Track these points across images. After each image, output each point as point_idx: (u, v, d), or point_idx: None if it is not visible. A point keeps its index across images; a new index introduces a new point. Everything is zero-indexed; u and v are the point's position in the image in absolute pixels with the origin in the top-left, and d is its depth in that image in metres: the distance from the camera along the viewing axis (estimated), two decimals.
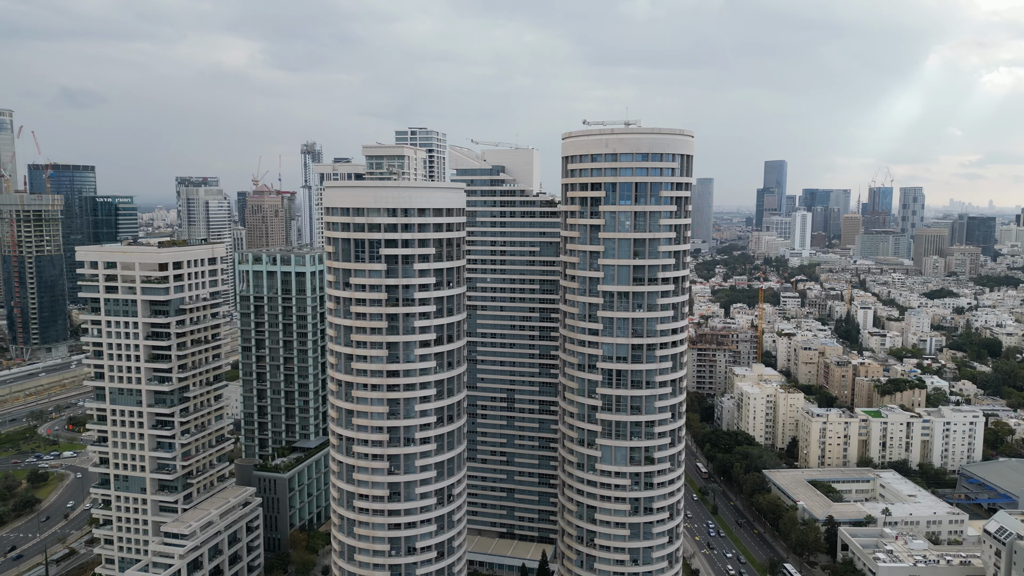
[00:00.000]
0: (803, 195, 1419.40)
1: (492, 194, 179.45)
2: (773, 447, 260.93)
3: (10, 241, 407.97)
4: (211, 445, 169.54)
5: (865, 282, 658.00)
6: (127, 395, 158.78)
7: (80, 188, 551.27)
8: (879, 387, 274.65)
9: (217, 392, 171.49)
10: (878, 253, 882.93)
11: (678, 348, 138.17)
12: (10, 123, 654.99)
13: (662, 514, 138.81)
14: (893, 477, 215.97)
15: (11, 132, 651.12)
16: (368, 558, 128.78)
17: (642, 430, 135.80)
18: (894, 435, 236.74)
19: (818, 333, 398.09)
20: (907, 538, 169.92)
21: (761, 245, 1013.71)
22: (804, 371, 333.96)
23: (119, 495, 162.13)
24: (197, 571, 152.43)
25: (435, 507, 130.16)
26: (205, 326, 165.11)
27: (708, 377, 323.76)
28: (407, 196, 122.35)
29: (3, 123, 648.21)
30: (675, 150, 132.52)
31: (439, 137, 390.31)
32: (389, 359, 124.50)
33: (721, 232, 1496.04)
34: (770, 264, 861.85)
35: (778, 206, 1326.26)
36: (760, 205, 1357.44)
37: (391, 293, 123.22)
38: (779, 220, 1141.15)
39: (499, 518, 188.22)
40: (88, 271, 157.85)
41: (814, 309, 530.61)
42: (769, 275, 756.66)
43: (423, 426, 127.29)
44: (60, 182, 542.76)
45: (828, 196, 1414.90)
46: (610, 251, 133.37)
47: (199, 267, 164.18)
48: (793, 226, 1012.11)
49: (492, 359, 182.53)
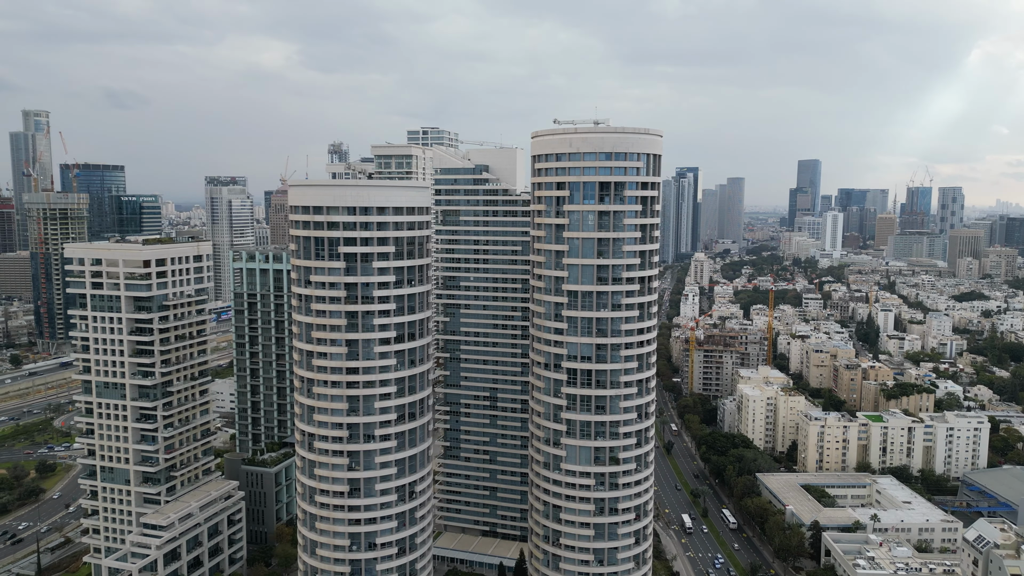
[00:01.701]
0: (839, 195, 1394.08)
1: (475, 193, 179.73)
2: (773, 451, 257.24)
3: (37, 238, 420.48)
4: (196, 439, 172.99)
5: (895, 284, 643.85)
6: (112, 389, 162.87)
7: (110, 187, 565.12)
8: (885, 391, 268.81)
9: (203, 387, 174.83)
10: (912, 255, 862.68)
11: (645, 348, 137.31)
12: (46, 124, 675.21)
13: (628, 515, 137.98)
14: (890, 483, 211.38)
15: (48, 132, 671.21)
16: (329, 552, 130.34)
17: (606, 430, 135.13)
18: (895, 440, 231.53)
19: (835, 336, 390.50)
20: (891, 545, 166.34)
21: (791, 246, 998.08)
22: (815, 374, 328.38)
23: (105, 486, 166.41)
24: (175, 562, 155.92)
25: (396, 503, 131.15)
26: (189, 322, 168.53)
27: (715, 379, 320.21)
28: (366, 195, 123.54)
29: (39, 124, 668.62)
30: (640, 149, 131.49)
31: (451, 137, 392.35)
32: (349, 356, 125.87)
33: (754, 232, 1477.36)
34: (799, 265, 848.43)
35: (811, 206, 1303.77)
36: (793, 205, 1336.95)
37: (350, 291, 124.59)
38: (811, 220, 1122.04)
39: (482, 516, 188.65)
40: (76, 267, 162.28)
41: (836, 311, 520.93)
42: (796, 276, 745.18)
43: (383, 423, 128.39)
44: (91, 181, 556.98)
45: (864, 196, 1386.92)
46: (574, 250, 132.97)
47: (183, 264, 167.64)
48: (824, 227, 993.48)
49: (475, 358, 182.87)
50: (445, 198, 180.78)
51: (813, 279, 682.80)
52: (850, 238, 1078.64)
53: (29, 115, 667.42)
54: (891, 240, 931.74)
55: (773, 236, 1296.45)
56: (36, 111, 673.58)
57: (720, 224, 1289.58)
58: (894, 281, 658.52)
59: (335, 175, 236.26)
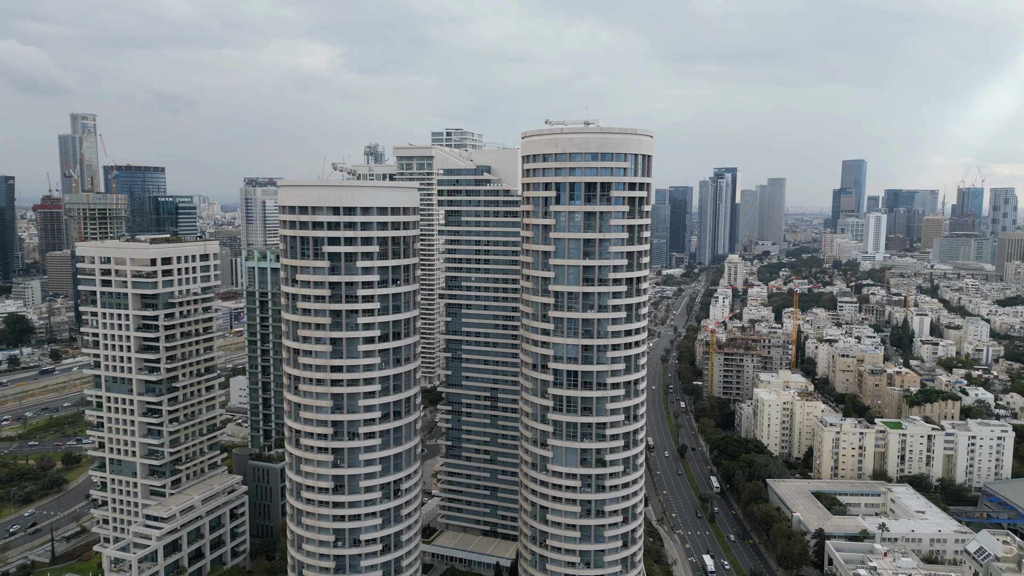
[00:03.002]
0: (885, 196, 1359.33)
1: (477, 194, 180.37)
2: (789, 456, 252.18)
3: (77, 237, 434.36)
4: (201, 434, 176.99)
5: (938, 288, 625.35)
6: (120, 383, 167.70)
7: (151, 188, 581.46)
8: (908, 397, 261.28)
9: (209, 383, 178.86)
10: (958, 257, 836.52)
11: (633, 350, 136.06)
12: (93, 127, 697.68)
13: (615, 517, 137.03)
14: (906, 492, 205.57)
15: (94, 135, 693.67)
16: (315, 548, 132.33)
17: (592, 432, 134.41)
18: (914, 448, 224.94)
19: (866, 340, 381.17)
20: (896, 555, 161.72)
21: (832, 248, 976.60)
22: (841, 379, 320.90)
23: (113, 478, 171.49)
24: (175, 553, 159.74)
25: (380, 501, 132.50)
26: (195, 319, 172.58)
27: (735, 383, 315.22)
28: (349, 195, 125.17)
29: (86, 126, 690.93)
30: (628, 150, 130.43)
31: (474, 138, 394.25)
32: (333, 354, 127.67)
33: (796, 234, 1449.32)
34: (839, 268, 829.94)
35: (855, 207, 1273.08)
36: (836, 206, 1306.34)
37: (334, 290, 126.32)
38: (854, 222, 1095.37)
39: (482, 516, 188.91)
40: (87, 265, 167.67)
41: (871, 315, 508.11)
42: (835, 279, 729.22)
43: (367, 421, 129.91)
44: (132, 182, 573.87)
45: (912, 197, 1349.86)
46: (560, 251, 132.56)
47: (189, 263, 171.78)
48: (867, 228, 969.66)
49: (476, 358, 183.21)
50: (448, 199, 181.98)
51: (852, 282, 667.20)
52: (895, 240, 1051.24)
53: (77, 118, 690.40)
54: (937, 242, 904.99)
55: (816, 238, 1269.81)
56: (83, 115, 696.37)
57: (760, 225, 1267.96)
58: (937, 285, 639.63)
59: (384, 176, 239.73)
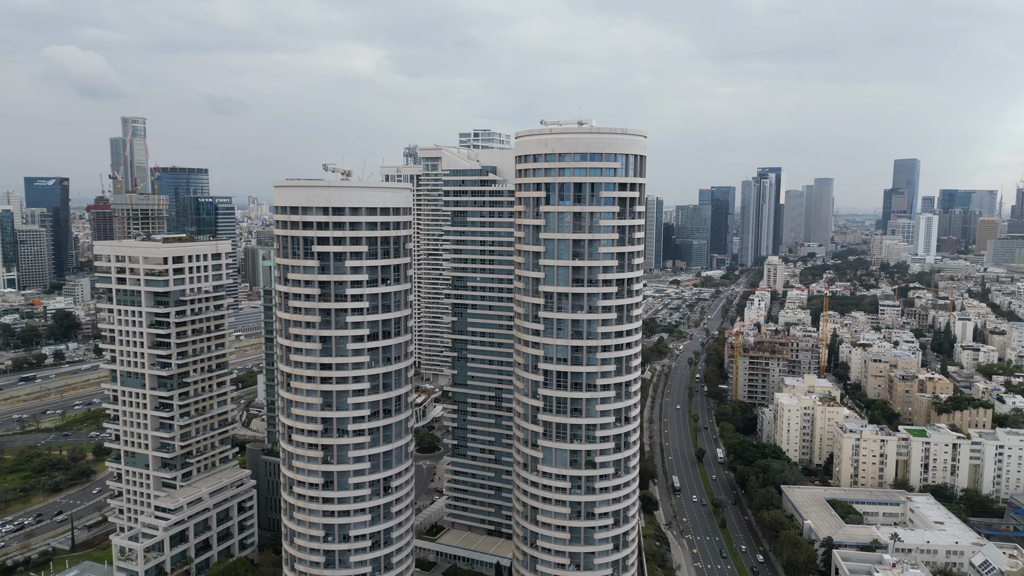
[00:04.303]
0: (940, 196, 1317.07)
1: (482, 194, 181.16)
2: (810, 463, 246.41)
3: (121, 237, 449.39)
4: (212, 428, 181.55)
5: (988, 292, 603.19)
6: (133, 378, 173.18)
7: (194, 189, 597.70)
8: (937, 404, 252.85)
9: (220, 379, 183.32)
10: (1014, 260, 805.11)
11: (625, 351, 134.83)
12: (143, 130, 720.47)
13: (605, 520, 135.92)
14: (926, 502, 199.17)
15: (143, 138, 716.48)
16: (305, 542, 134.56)
17: (582, 433, 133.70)
18: (938, 457, 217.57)
19: (904, 345, 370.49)
20: (905, 566, 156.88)
21: (881, 250, 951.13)
22: (873, 385, 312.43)
23: (128, 469, 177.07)
24: (182, 543, 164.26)
25: (370, 498, 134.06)
26: (207, 316, 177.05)
27: (760, 387, 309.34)
28: (337, 195, 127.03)
29: (137, 130, 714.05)
30: (619, 150, 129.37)
31: (501, 139, 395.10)
32: (322, 352, 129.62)
33: (846, 236, 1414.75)
34: (886, 270, 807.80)
35: (908, 208, 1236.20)
36: (887, 207, 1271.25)
37: (324, 289, 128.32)
38: (905, 223, 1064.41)
39: (487, 515, 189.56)
40: (103, 264, 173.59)
41: (914, 319, 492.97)
42: (881, 281, 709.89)
43: (356, 418, 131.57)
44: (177, 183, 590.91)
45: (969, 198, 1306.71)
46: (550, 252, 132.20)
47: (201, 262, 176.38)
48: (917, 229, 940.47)
49: (482, 358, 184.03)
50: (454, 199, 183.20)
51: (899, 284, 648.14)
52: (947, 242, 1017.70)
53: (127, 121, 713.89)
54: (991, 244, 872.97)
55: (866, 240, 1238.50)
56: (134, 118, 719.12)
57: (807, 226, 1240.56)
58: (988, 288, 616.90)
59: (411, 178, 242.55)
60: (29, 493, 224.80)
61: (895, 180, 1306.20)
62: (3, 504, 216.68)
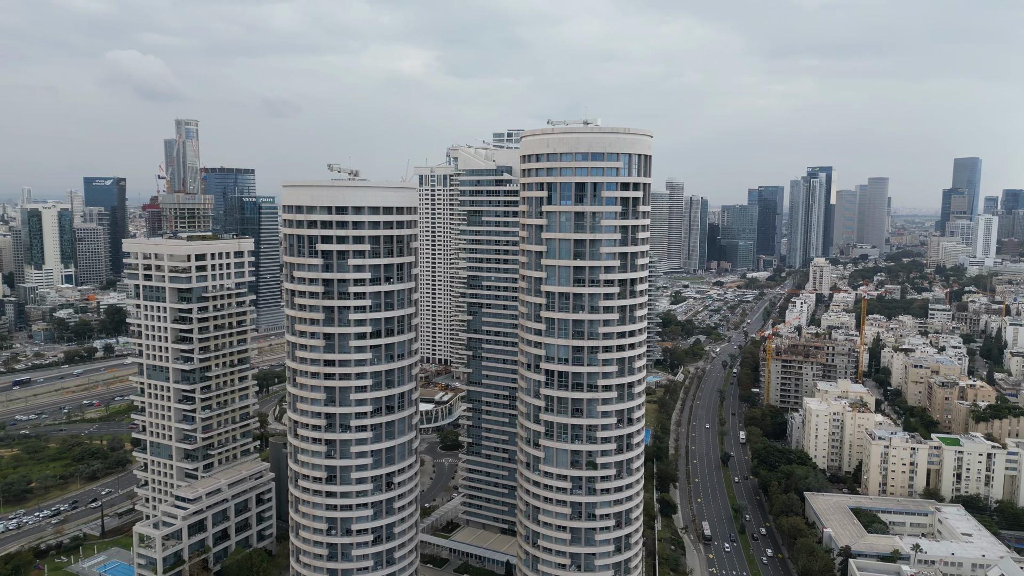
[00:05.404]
0: (1004, 197, 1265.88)
1: (497, 194, 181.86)
2: (839, 470, 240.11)
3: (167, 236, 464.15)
4: (234, 421, 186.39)
5: None
6: (158, 371, 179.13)
7: (241, 189, 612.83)
8: (975, 413, 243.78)
9: (242, 373, 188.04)
10: None
11: (628, 352, 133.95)
12: (196, 131, 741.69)
13: (606, 521, 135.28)
14: (955, 513, 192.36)
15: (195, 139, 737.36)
16: (309, 535, 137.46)
17: (583, 433, 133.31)
18: (971, 467, 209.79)
19: (950, 350, 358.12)
20: None
21: (938, 252, 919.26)
22: (913, 391, 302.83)
23: (153, 459, 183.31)
24: (200, 532, 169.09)
25: (372, 493, 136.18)
26: (229, 313, 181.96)
27: (793, 391, 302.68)
28: (341, 195, 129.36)
29: (189, 131, 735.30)
30: (621, 149, 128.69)
31: None
32: (326, 349, 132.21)
33: (903, 237, 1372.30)
34: (942, 273, 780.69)
35: (968, 208, 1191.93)
36: (946, 207, 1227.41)
37: (327, 287, 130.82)
38: (964, 224, 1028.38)
39: (501, 514, 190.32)
40: (131, 261, 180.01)
41: (965, 324, 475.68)
42: (934, 284, 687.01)
43: (359, 414, 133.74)
44: (225, 183, 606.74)
45: None
46: (552, 251, 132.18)
47: (224, 259, 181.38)
48: (975, 231, 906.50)
49: (496, 357, 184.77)
50: (469, 199, 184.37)
51: (953, 288, 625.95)
52: (1008, 244, 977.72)
53: (181, 124, 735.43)
54: None
55: (923, 241, 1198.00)
56: (187, 120, 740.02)
57: (860, 227, 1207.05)
58: None
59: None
60: (67, 480, 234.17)
61: (955, 179, 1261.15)
62: (43, 491, 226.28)
